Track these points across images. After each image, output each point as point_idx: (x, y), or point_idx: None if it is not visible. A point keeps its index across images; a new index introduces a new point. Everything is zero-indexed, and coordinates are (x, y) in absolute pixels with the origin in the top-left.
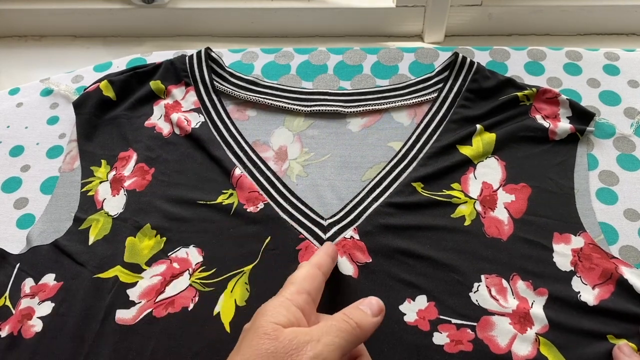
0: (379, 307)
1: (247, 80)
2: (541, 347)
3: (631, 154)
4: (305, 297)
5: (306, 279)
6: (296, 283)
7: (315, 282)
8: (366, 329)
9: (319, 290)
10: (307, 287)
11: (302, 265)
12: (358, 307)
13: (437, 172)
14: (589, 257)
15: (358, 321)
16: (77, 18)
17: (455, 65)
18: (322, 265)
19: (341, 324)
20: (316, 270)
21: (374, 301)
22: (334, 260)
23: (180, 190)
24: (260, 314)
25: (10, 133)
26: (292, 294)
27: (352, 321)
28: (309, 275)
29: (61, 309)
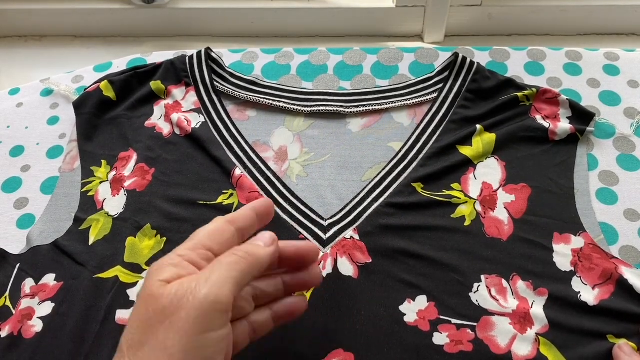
0: (270, 237)
1: (247, 81)
2: (541, 347)
3: (631, 154)
4: (202, 252)
5: (209, 234)
6: (193, 239)
7: (221, 237)
8: (259, 256)
9: (225, 245)
10: (208, 243)
11: (214, 220)
12: (249, 242)
13: (437, 172)
14: (589, 257)
15: (248, 250)
16: (77, 18)
17: (455, 66)
18: (237, 219)
19: (229, 258)
20: (226, 225)
21: (266, 234)
22: (261, 217)
23: (180, 190)
24: (148, 275)
25: (11, 133)
26: (185, 250)
27: (240, 252)
28: (214, 230)
29: (61, 309)
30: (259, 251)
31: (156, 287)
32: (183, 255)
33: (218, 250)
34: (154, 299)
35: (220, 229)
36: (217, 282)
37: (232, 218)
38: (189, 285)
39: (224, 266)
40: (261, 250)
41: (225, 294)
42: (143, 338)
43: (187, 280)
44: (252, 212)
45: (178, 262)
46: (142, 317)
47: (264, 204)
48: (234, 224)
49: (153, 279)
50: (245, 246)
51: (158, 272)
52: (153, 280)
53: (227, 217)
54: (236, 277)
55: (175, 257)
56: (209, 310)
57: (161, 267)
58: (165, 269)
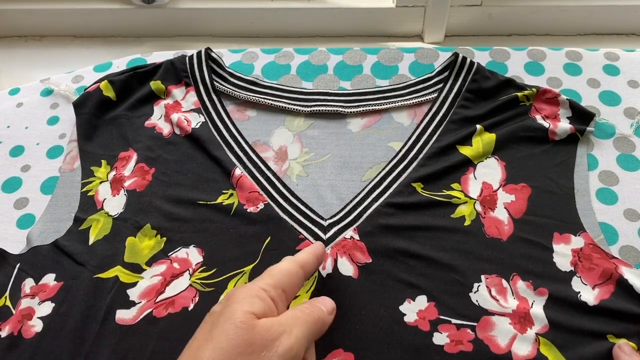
0: (332, 306)
1: (247, 81)
2: (541, 347)
3: (631, 154)
4: (279, 292)
5: (285, 275)
6: (275, 276)
7: (293, 279)
8: (324, 324)
9: (295, 288)
10: (284, 284)
11: (286, 259)
12: (315, 304)
13: (437, 172)
14: (589, 257)
15: (319, 315)
16: (77, 18)
17: (455, 66)
18: (306, 264)
19: (307, 317)
20: (298, 269)
21: (328, 301)
22: (319, 261)
23: (180, 190)
24: (235, 301)
25: (11, 133)
26: (268, 286)
27: (315, 314)
28: (289, 271)
29: (61, 309)
30: (326, 320)
31: (248, 318)
32: (267, 291)
33: (289, 293)
34: (246, 329)
35: (294, 272)
36: (299, 338)
37: (303, 262)
38: (275, 330)
39: (303, 323)
40: (326, 318)
41: (301, 351)
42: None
43: (277, 324)
44: (314, 257)
45: (264, 297)
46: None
47: (321, 248)
48: (304, 269)
49: (244, 307)
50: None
51: (248, 302)
52: (244, 309)
53: (298, 260)
54: (309, 338)
55: (261, 290)
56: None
57: (250, 297)
58: (254, 301)
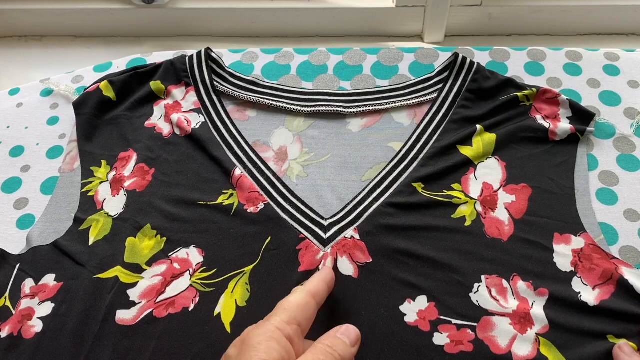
0: (356, 336)
1: (247, 81)
2: (541, 347)
3: (631, 155)
4: (295, 328)
5: (298, 308)
6: (288, 311)
7: (307, 312)
8: (346, 357)
9: (310, 320)
10: (299, 318)
11: (296, 291)
12: (337, 337)
13: (438, 172)
14: (590, 258)
15: (341, 353)
16: (77, 18)
17: (455, 66)
18: (318, 294)
19: (323, 355)
20: (310, 299)
21: (352, 330)
22: (330, 287)
23: (180, 190)
24: (250, 347)
25: (11, 133)
26: (283, 324)
27: (336, 353)
28: (302, 303)
29: (61, 309)
30: (347, 353)
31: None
32: (282, 330)
33: (305, 326)
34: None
35: (307, 304)
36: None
37: (314, 292)
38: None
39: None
40: (348, 351)
41: None
42: None
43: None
44: (325, 284)
45: (280, 338)
46: None
47: (330, 273)
48: (316, 298)
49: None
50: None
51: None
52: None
53: (309, 289)
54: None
55: (277, 331)
56: None
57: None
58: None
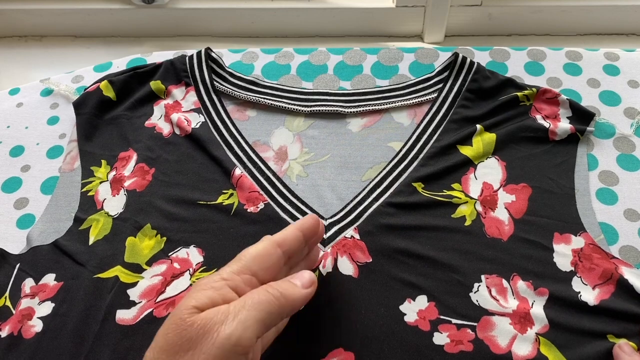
0: (310, 279)
1: (247, 81)
2: (541, 347)
3: (631, 154)
4: (247, 277)
5: (256, 258)
6: (242, 260)
7: (267, 261)
8: (293, 299)
9: (271, 270)
10: (254, 268)
11: (262, 240)
12: (287, 280)
13: (438, 172)
14: (589, 257)
15: (283, 290)
16: (77, 18)
17: (455, 66)
18: (285, 242)
19: (262, 296)
20: (274, 249)
21: (306, 274)
22: (309, 236)
23: (180, 190)
24: (187, 295)
25: (11, 133)
26: (230, 274)
27: (275, 291)
28: (262, 253)
29: (61, 309)
30: (294, 293)
31: (187, 313)
32: (227, 280)
33: (263, 276)
34: (183, 325)
35: (267, 253)
36: (244, 322)
37: (280, 240)
38: (217, 319)
39: (255, 305)
40: (297, 292)
41: (248, 337)
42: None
43: (217, 313)
44: (299, 232)
45: (220, 286)
46: (169, 340)
47: (310, 222)
48: (282, 247)
49: (188, 302)
50: (282, 285)
51: (195, 295)
52: (187, 304)
53: (275, 238)
54: (264, 319)
55: (219, 280)
56: (229, 352)
57: (201, 289)
58: (203, 293)
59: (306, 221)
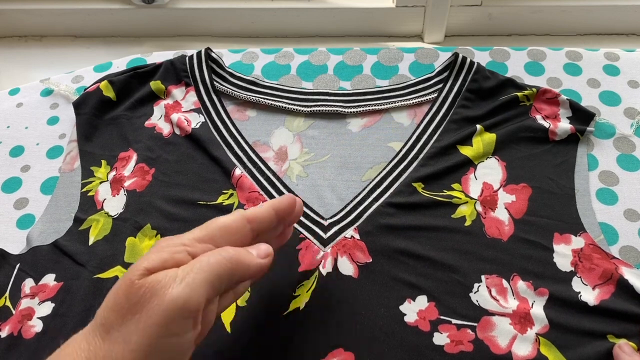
0: (266, 250)
1: (247, 81)
2: (541, 347)
3: (631, 154)
4: (207, 246)
5: (223, 229)
6: (206, 229)
7: (233, 235)
8: (246, 265)
9: (234, 244)
10: (218, 239)
11: (233, 213)
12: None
13: (438, 172)
14: (590, 258)
15: (235, 255)
16: (77, 18)
17: (455, 66)
18: (256, 219)
19: (211, 258)
20: (243, 223)
21: (262, 246)
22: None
23: (180, 190)
24: (143, 256)
25: (11, 133)
26: (192, 241)
27: (226, 253)
28: (229, 225)
29: (61, 309)
30: (248, 260)
31: (138, 275)
32: (187, 245)
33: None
34: (132, 288)
35: (235, 226)
36: (191, 284)
37: (252, 217)
38: (165, 281)
39: (204, 266)
40: (251, 260)
41: (195, 299)
42: (115, 322)
43: (164, 276)
44: (272, 211)
45: (176, 251)
46: (118, 301)
47: (285, 202)
48: (252, 224)
49: (140, 264)
50: (236, 250)
51: (149, 257)
52: (139, 266)
53: (247, 213)
54: (212, 281)
55: (179, 245)
56: (175, 315)
57: (157, 252)
58: (157, 255)
59: (282, 201)
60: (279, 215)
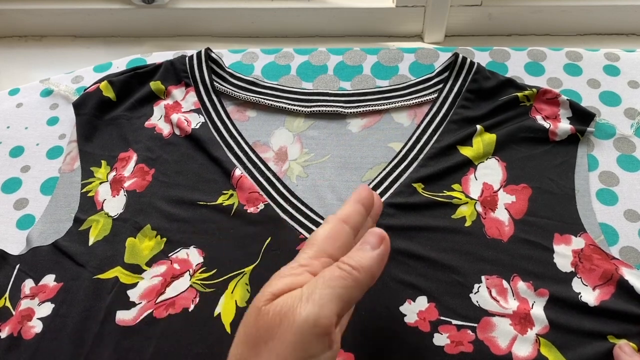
0: (379, 237)
1: (247, 81)
2: (541, 347)
3: (631, 155)
4: (324, 260)
5: (328, 239)
6: (315, 245)
7: (339, 240)
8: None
9: (345, 248)
10: (329, 249)
11: (328, 220)
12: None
13: (438, 172)
14: (590, 258)
15: (355, 263)
16: (77, 18)
17: (455, 66)
18: (350, 218)
19: (334, 272)
20: (341, 226)
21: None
22: (368, 207)
23: (180, 191)
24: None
25: (10, 134)
26: (308, 260)
27: (346, 265)
28: (332, 233)
29: (61, 310)
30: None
31: (264, 300)
32: (305, 266)
33: (338, 256)
34: (260, 315)
35: (337, 232)
36: (319, 300)
37: (345, 217)
38: (292, 302)
39: (327, 282)
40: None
41: (326, 315)
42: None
43: (290, 297)
44: (359, 205)
45: (299, 272)
46: (248, 332)
47: (365, 192)
48: (348, 223)
49: (265, 290)
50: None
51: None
52: (265, 293)
53: (339, 215)
54: (341, 294)
55: (297, 267)
56: (309, 335)
57: (279, 277)
58: (281, 280)
59: (361, 192)
60: (364, 206)
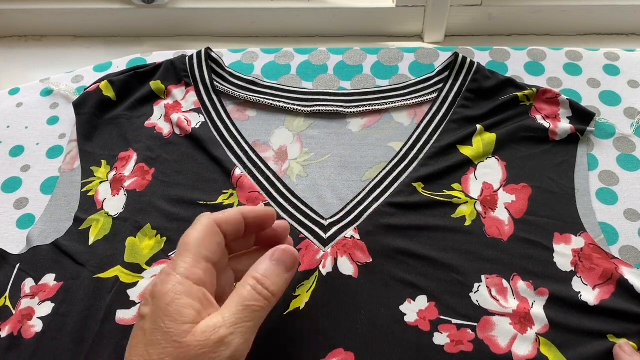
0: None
1: (247, 81)
2: (541, 347)
3: (631, 154)
4: (204, 265)
5: (203, 242)
6: (191, 251)
7: (213, 242)
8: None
9: (219, 249)
10: (205, 252)
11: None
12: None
13: (438, 172)
14: (590, 258)
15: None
16: (77, 18)
17: (455, 66)
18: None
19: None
20: (214, 229)
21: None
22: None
23: (180, 190)
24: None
25: (10, 133)
26: (189, 270)
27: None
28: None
29: (61, 309)
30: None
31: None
32: (189, 277)
33: (216, 258)
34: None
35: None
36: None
37: (220, 220)
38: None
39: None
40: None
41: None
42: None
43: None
44: (239, 216)
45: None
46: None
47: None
48: (221, 227)
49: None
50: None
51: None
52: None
53: (215, 217)
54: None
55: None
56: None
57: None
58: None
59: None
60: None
